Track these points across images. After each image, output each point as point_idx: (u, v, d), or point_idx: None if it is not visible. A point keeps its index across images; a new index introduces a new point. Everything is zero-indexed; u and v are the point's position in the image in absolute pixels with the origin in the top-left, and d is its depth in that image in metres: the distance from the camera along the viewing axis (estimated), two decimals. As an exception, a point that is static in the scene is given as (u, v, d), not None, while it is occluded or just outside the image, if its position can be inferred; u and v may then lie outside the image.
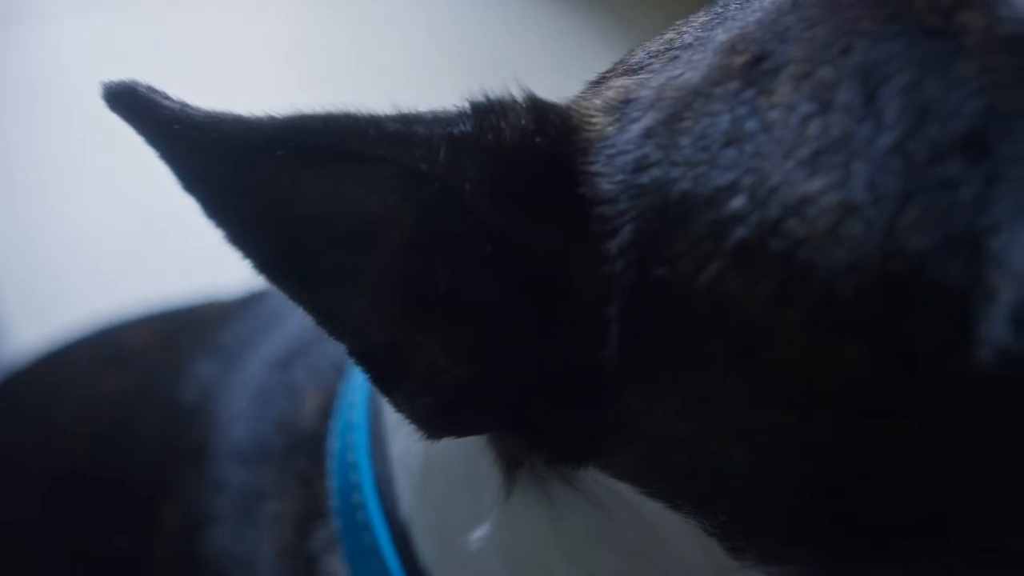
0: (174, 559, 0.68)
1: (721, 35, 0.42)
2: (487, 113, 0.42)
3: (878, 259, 0.36)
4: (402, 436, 0.57)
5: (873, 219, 0.36)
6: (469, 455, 0.52)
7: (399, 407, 0.45)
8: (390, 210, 0.42)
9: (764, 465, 0.40)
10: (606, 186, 0.40)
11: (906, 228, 0.36)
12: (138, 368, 0.77)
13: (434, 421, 0.45)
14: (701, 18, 0.45)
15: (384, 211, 0.42)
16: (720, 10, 0.44)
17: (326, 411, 0.64)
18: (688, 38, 0.44)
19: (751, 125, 0.39)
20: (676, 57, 0.43)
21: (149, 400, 0.74)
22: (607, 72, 0.46)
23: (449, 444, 0.52)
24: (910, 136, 0.36)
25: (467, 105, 0.42)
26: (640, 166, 0.40)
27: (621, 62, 0.46)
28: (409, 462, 0.56)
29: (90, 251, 1.57)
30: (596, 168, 0.41)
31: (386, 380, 0.45)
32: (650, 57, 0.44)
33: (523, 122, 0.42)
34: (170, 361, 0.76)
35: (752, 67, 0.40)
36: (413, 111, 0.42)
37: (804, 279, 0.37)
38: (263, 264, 0.45)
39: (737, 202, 0.38)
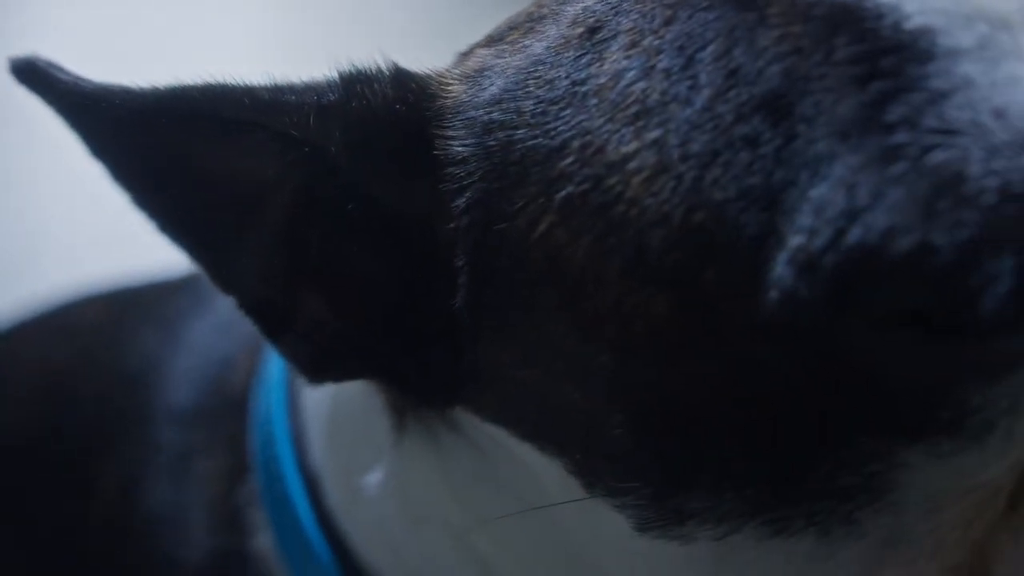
0: (109, 522, 0.72)
1: (568, 8, 0.47)
2: (353, 83, 0.46)
3: (683, 212, 0.40)
4: (313, 391, 0.62)
5: (682, 176, 0.40)
6: (366, 405, 0.56)
7: (283, 355, 0.50)
8: (269, 175, 0.47)
9: (596, 405, 0.44)
10: (458, 148, 0.45)
11: (710, 184, 0.40)
12: (84, 340, 0.82)
13: (315, 368, 0.50)
14: None
15: (264, 176, 0.47)
16: None
17: (254, 375, 0.69)
18: (545, 11, 0.48)
19: (583, 90, 0.43)
20: (531, 29, 0.48)
21: (92, 368, 0.79)
22: (475, 44, 0.51)
23: (350, 395, 0.57)
24: (718, 99, 0.40)
25: (336, 75, 0.47)
26: (488, 129, 0.45)
27: (489, 35, 0.51)
28: (319, 415, 0.61)
29: (64, 238, 1.62)
30: (450, 132, 0.46)
31: (271, 331, 0.50)
32: (510, 29, 0.49)
33: (386, 91, 0.46)
34: (115, 333, 0.81)
35: (589, 37, 0.44)
36: (287, 81, 0.47)
37: (620, 232, 0.42)
38: (163, 226, 0.50)
39: (566, 161, 0.43)
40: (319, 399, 0.61)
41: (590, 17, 0.45)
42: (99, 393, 0.78)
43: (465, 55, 0.50)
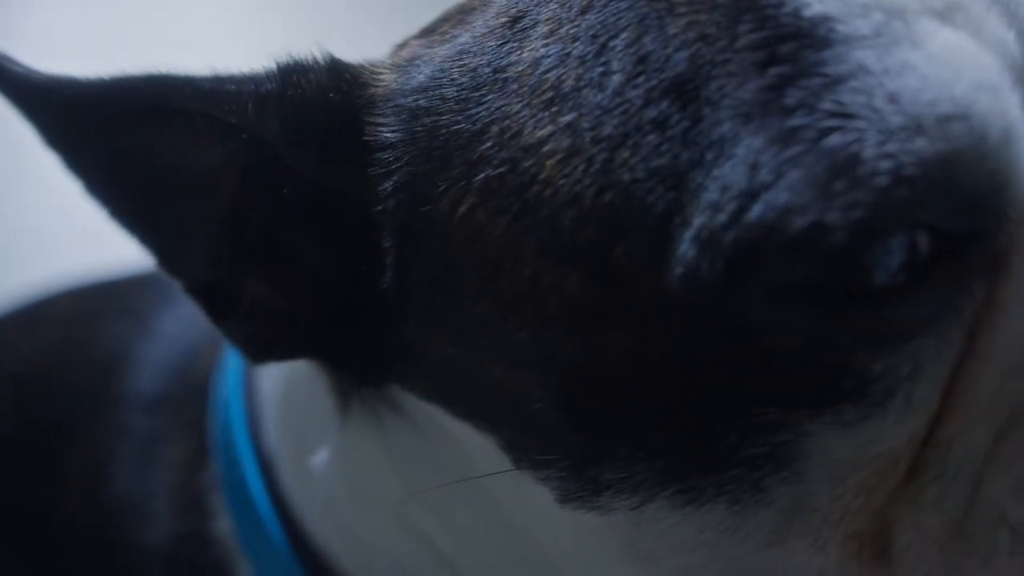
0: (81, 507, 0.75)
1: (497, 0, 0.49)
2: (290, 73, 0.49)
3: (594, 193, 0.42)
4: (268, 376, 0.64)
5: (592, 158, 0.43)
6: (313, 388, 0.59)
7: (228, 336, 0.52)
8: (211, 161, 0.50)
9: (518, 381, 0.47)
10: (387, 134, 0.47)
11: (620, 165, 0.42)
12: (58, 332, 0.85)
13: (257, 348, 0.52)
14: None
15: (206, 162, 0.50)
16: None
17: (217, 363, 0.72)
18: (476, 3, 0.51)
19: (503, 77, 0.46)
20: (461, 20, 0.50)
21: (65, 359, 0.82)
22: (411, 36, 0.53)
23: (299, 378, 0.60)
24: (629, 84, 0.43)
25: (274, 66, 0.49)
26: (415, 116, 0.47)
27: (423, 27, 0.53)
28: (272, 399, 0.63)
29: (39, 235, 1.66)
30: (380, 119, 0.48)
31: (216, 314, 0.52)
32: (443, 21, 0.51)
33: (320, 80, 0.49)
34: (87, 325, 0.83)
35: (511, 26, 0.47)
36: (229, 72, 0.49)
37: (535, 212, 0.44)
38: (114, 213, 0.53)
39: (486, 145, 0.45)
40: (273, 383, 0.63)
41: (513, 7, 0.47)
42: (71, 383, 0.81)
43: (400, 46, 0.52)
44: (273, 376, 0.63)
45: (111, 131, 0.50)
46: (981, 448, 0.43)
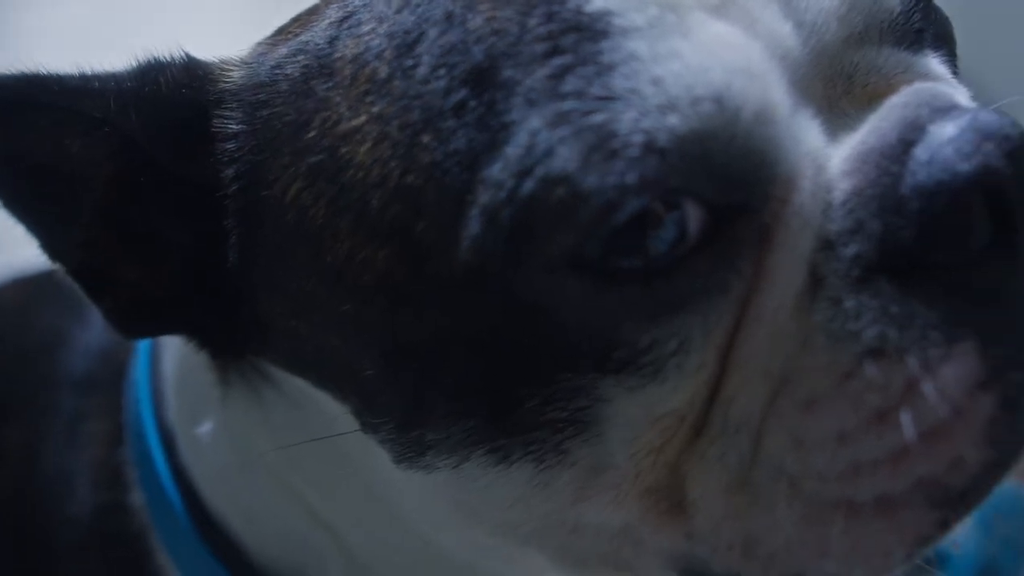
0: (16, 481, 0.81)
1: (337, 2, 0.54)
2: (149, 71, 0.54)
3: (399, 175, 0.48)
4: (169, 355, 0.69)
5: (398, 143, 0.48)
6: (197, 363, 0.64)
7: (103, 314, 0.58)
8: (81, 154, 0.55)
9: (350, 350, 0.52)
10: (232, 126, 0.53)
11: (421, 148, 0.47)
12: (2, 318, 0.91)
13: (130, 324, 0.58)
14: None
15: (76, 154, 0.55)
16: None
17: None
18: (322, 5, 0.56)
19: (328, 71, 0.51)
20: (307, 21, 0.55)
21: (5, 344, 0.88)
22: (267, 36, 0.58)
23: (189, 355, 0.65)
24: (433, 74, 0.48)
25: (135, 64, 0.55)
26: (255, 108, 0.53)
27: (278, 27, 0.58)
28: (170, 375, 0.69)
29: None
30: (227, 112, 0.53)
31: (93, 293, 0.58)
32: (293, 22, 0.56)
33: (176, 77, 0.54)
34: (27, 312, 0.89)
35: (341, 23, 0.52)
36: (96, 70, 0.55)
37: (350, 193, 0.49)
38: (4, 203, 0.58)
39: (311, 134, 0.50)
40: (171, 362, 0.69)
41: (346, 7, 0.53)
42: (13, 366, 0.87)
43: (258, 45, 0.58)
44: (172, 355, 0.69)
45: None
46: (758, 406, 0.48)
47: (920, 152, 0.47)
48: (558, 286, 0.46)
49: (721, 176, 0.45)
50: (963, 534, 1.57)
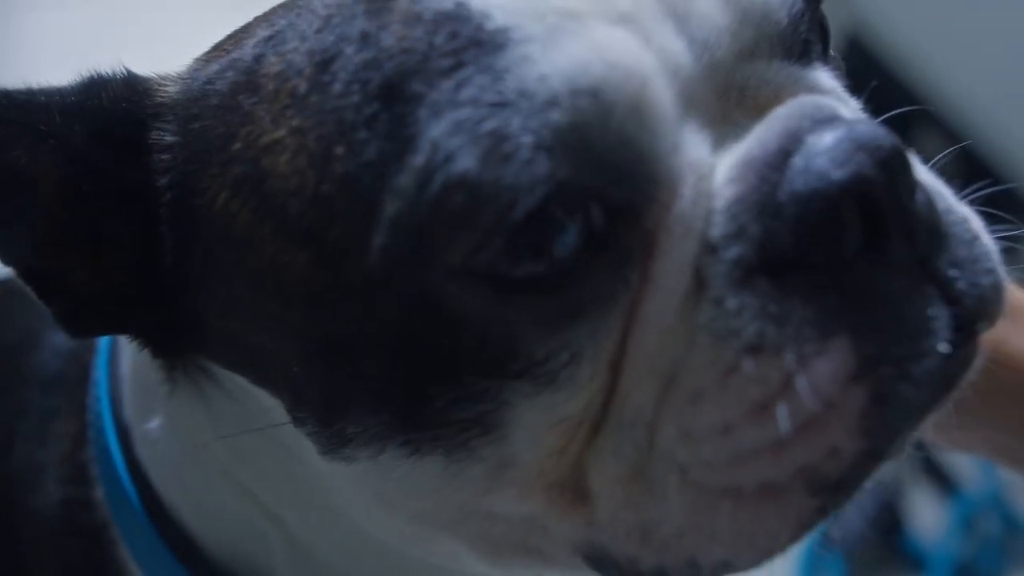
0: None
1: (267, 19, 0.58)
2: (91, 86, 0.58)
3: (315, 184, 0.51)
4: (125, 355, 0.74)
5: (314, 154, 0.52)
6: (150, 363, 0.68)
7: (53, 315, 0.62)
8: (28, 165, 0.59)
9: (277, 347, 0.56)
10: (167, 138, 0.57)
11: (335, 159, 0.51)
12: None
13: (77, 325, 0.62)
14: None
15: (24, 164, 0.59)
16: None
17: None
18: (253, 24, 0.60)
19: (253, 86, 0.55)
20: (240, 38, 0.59)
21: None
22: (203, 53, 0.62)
23: (141, 355, 0.69)
24: (348, 89, 0.51)
25: (79, 79, 0.59)
26: (188, 121, 0.57)
27: (215, 43, 0.62)
28: (126, 374, 0.73)
29: None
30: (163, 125, 0.57)
31: (42, 292, 0.62)
32: (228, 38, 0.60)
33: (117, 92, 0.58)
34: (3, 313, 0.93)
35: (266, 42, 0.56)
36: (44, 86, 0.59)
37: (271, 202, 0.53)
38: None
39: (236, 146, 0.54)
40: (127, 361, 0.73)
41: (274, 25, 0.57)
42: None
43: (195, 61, 0.62)
44: (127, 355, 0.73)
45: None
46: (650, 402, 0.52)
47: (797, 161, 0.50)
48: (459, 293, 0.50)
49: (603, 167, 0.49)
50: (943, 533, 1.61)
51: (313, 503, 0.65)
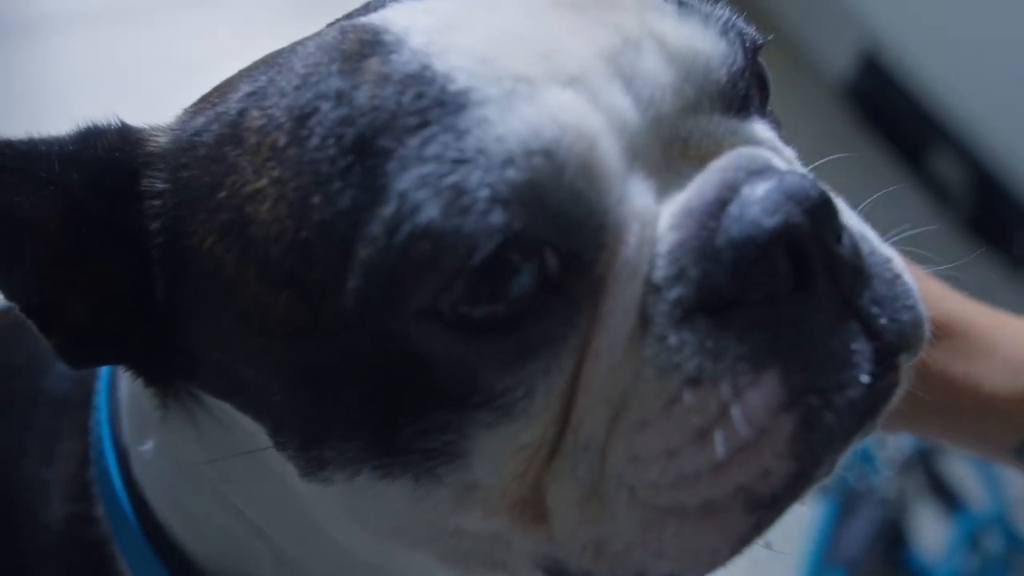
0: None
1: (248, 75, 0.63)
2: (88, 136, 0.63)
3: (294, 230, 0.56)
4: (124, 380, 0.79)
5: (293, 203, 0.56)
6: (144, 390, 0.73)
7: (53, 347, 0.67)
8: (29, 209, 0.63)
9: (261, 378, 0.61)
10: (158, 185, 0.62)
11: (312, 207, 0.56)
12: None
13: (75, 357, 0.67)
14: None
15: (26, 209, 0.63)
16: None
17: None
18: (236, 78, 0.65)
19: (238, 139, 0.60)
20: (224, 92, 0.64)
21: None
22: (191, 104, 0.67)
23: (136, 382, 0.74)
24: (323, 143, 0.56)
25: (76, 129, 0.64)
26: (177, 170, 0.62)
27: (203, 95, 0.67)
28: (124, 398, 0.78)
29: None
30: (155, 173, 0.62)
31: (44, 327, 0.67)
32: (215, 91, 0.65)
33: (111, 142, 0.63)
34: (9, 337, 0.99)
35: (249, 97, 0.61)
36: (44, 135, 0.64)
37: (255, 246, 0.58)
38: None
39: (222, 194, 0.59)
40: (125, 387, 0.78)
41: (256, 81, 0.62)
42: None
43: (184, 112, 0.67)
44: (125, 381, 0.78)
45: None
46: (601, 429, 0.57)
47: (733, 209, 0.55)
48: (425, 333, 0.55)
49: (555, 220, 0.54)
50: (947, 550, 1.65)
51: (297, 520, 0.69)
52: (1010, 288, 2.39)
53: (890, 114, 2.66)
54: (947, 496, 2.05)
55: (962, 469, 2.11)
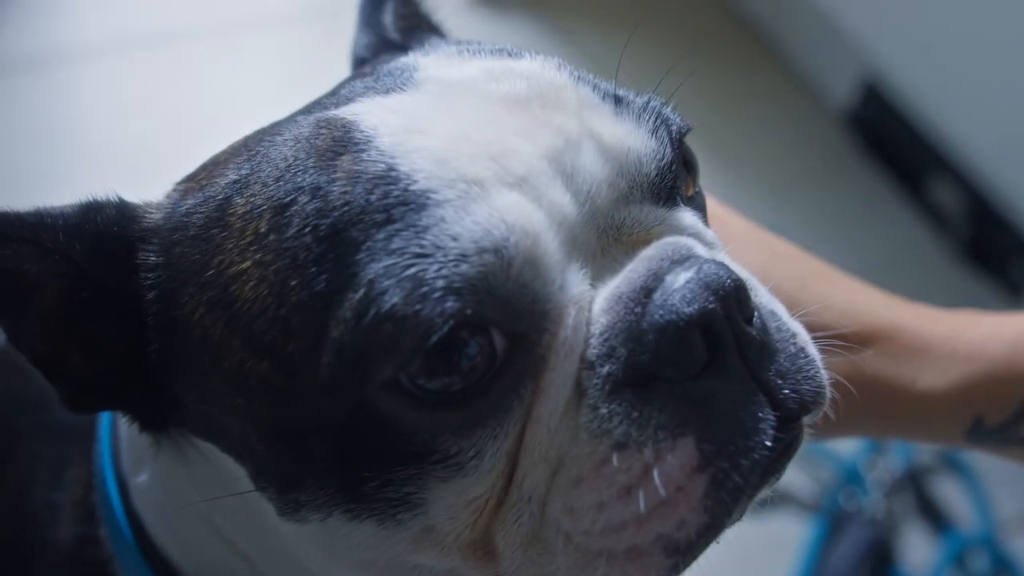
0: (9, 513, 0.98)
1: (234, 160, 0.71)
2: (88, 209, 0.71)
3: (275, 307, 0.64)
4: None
5: (273, 284, 0.64)
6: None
7: (57, 394, 0.75)
8: (36, 274, 0.70)
9: (243, 429, 0.69)
10: (152, 258, 0.70)
11: (290, 289, 0.63)
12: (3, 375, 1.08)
13: (75, 402, 0.75)
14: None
15: (32, 275, 0.70)
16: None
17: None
18: (222, 159, 0.72)
19: (224, 222, 0.67)
20: (212, 172, 0.72)
21: (7, 395, 1.06)
22: (182, 180, 0.75)
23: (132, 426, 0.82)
24: (299, 233, 0.64)
25: (79, 203, 0.71)
26: (170, 246, 0.69)
27: (189, 173, 0.75)
28: (124, 433, 0.86)
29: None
30: (149, 247, 0.70)
31: (49, 376, 0.75)
32: (202, 169, 0.73)
33: (110, 216, 0.71)
34: (27, 370, 1.07)
35: (234, 184, 0.69)
36: (47, 207, 0.71)
37: (239, 320, 0.65)
38: None
39: (210, 272, 0.67)
40: (124, 422, 0.86)
41: (241, 168, 0.69)
42: (11, 414, 1.05)
43: (175, 189, 0.74)
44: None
45: None
46: (542, 484, 0.65)
47: (657, 297, 0.64)
48: (389, 403, 0.63)
49: (503, 307, 0.62)
50: (935, 571, 1.74)
51: (277, 550, 0.77)
52: (1007, 313, 2.43)
53: (890, 142, 2.72)
54: (935, 516, 2.11)
55: (951, 490, 2.16)
